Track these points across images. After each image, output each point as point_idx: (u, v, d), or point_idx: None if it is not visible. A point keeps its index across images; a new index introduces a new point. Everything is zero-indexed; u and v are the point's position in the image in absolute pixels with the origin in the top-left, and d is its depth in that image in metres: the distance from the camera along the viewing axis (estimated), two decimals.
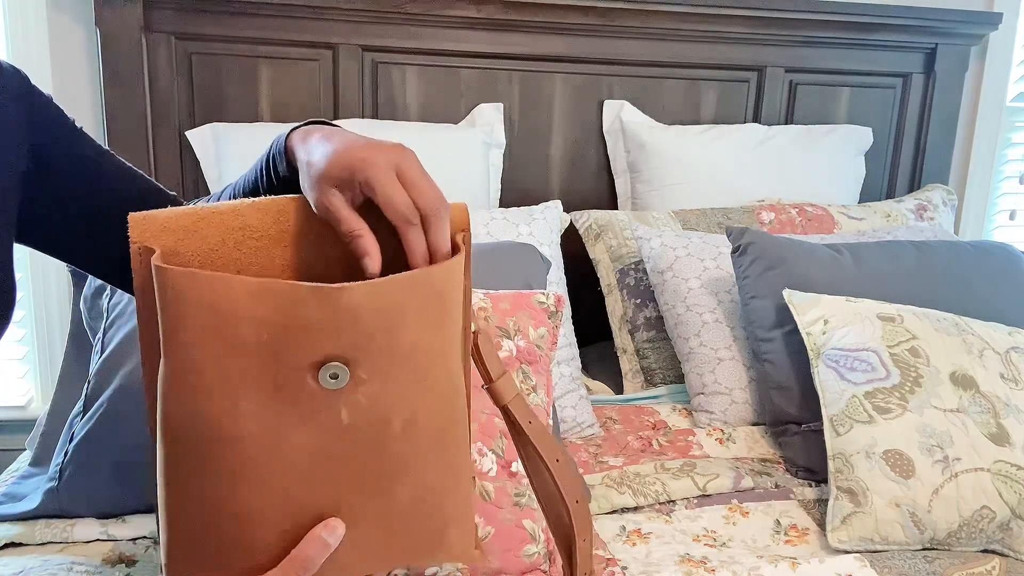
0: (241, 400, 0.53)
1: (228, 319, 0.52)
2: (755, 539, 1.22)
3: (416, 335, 0.55)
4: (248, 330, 0.52)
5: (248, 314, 0.51)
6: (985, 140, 2.18)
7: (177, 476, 0.55)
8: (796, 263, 1.51)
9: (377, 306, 0.52)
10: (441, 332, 0.58)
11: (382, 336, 0.53)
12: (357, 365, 0.53)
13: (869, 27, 1.98)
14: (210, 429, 0.53)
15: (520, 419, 0.72)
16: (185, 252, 0.59)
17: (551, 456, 0.73)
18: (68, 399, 1.34)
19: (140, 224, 0.58)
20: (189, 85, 1.76)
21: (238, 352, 0.52)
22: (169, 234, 0.59)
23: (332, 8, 1.75)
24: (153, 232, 0.58)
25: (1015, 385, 1.28)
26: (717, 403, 1.54)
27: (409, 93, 1.86)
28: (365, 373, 0.54)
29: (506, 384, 0.72)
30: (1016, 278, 1.57)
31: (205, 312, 0.52)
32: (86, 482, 1.18)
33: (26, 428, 1.60)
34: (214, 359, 0.53)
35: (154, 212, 0.59)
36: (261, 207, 0.62)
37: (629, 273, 1.76)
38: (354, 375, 0.53)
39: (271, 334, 0.51)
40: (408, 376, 0.56)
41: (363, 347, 0.53)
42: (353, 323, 0.52)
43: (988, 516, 1.18)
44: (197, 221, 0.59)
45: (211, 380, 0.53)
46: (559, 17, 1.83)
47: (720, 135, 1.94)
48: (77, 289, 1.47)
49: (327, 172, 0.58)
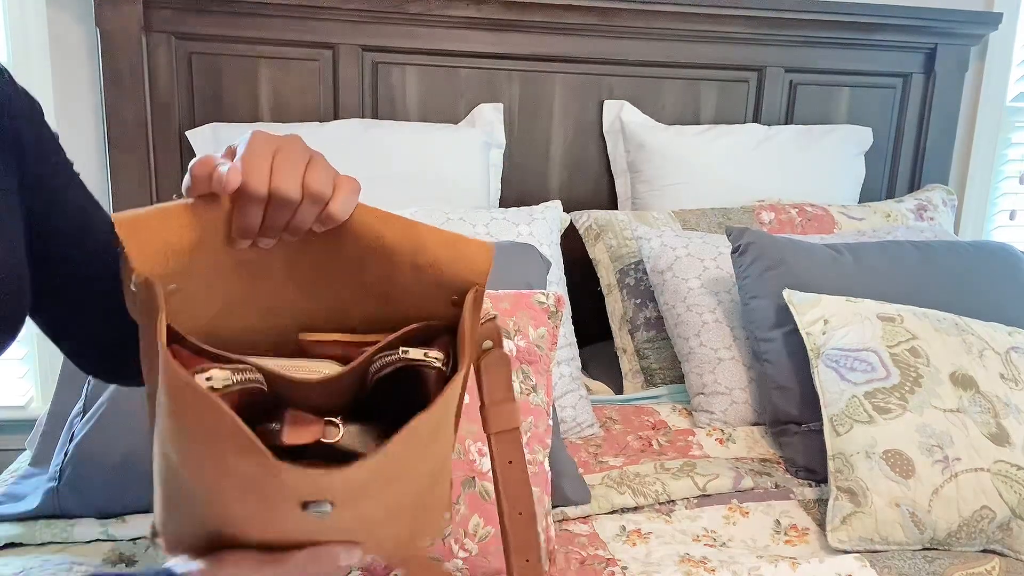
0: (226, 491, 0.52)
1: (216, 443, 0.50)
2: (755, 539, 1.22)
3: (405, 472, 0.54)
4: (235, 461, 0.50)
5: (235, 450, 0.49)
6: (985, 140, 2.18)
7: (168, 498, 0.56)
8: (796, 263, 1.51)
9: (366, 478, 0.51)
10: (432, 449, 0.57)
11: (372, 490, 0.53)
12: (342, 505, 0.52)
13: (869, 27, 1.98)
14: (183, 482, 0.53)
15: (498, 456, 0.67)
16: (188, 270, 0.56)
17: (514, 507, 0.67)
18: (68, 399, 1.34)
19: (138, 244, 0.54)
20: (189, 85, 1.76)
21: (227, 471, 0.51)
22: (174, 258, 0.55)
23: (332, 8, 1.75)
24: (156, 259, 0.54)
25: (1015, 385, 1.28)
26: (717, 403, 1.54)
27: (409, 93, 1.86)
28: (350, 506, 0.53)
29: (500, 415, 0.66)
30: (1016, 278, 1.57)
31: (195, 426, 0.50)
32: (86, 482, 1.18)
33: (26, 428, 1.60)
34: (201, 458, 0.51)
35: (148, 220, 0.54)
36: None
37: (629, 273, 1.76)
38: (337, 508, 0.53)
39: (256, 476, 0.50)
40: (394, 495, 0.56)
41: (350, 499, 0.52)
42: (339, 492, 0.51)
43: (988, 516, 1.18)
44: (201, 234, 0.56)
45: (193, 467, 0.52)
46: (559, 17, 1.83)
47: (720, 135, 1.94)
48: None
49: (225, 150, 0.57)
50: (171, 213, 0.55)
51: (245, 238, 0.57)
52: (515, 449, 0.67)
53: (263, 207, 0.55)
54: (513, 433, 0.67)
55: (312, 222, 0.57)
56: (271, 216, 0.56)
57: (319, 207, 0.56)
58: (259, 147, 0.55)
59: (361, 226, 0.59)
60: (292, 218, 0.56)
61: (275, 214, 0.56)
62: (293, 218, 0.56)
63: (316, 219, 0.57)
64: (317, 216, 0.56)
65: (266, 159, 0.55)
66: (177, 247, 0.55)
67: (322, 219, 0.57)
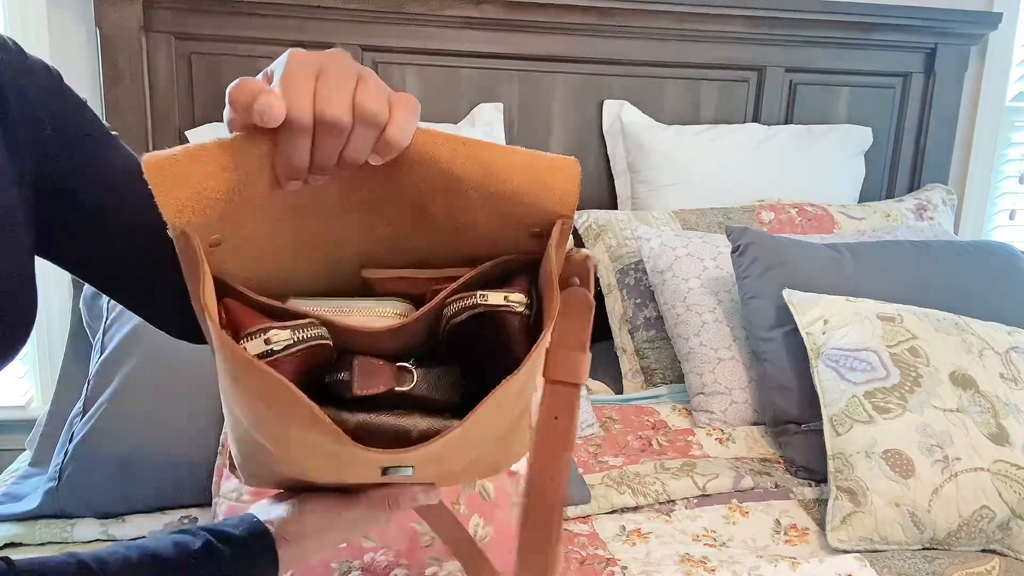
0: (308, 459, 0.50)
1: (285, 415, 0.47)
2: (755, 539, 1.22)
3: (487, 433, 0.52)
4: (306, 432, 0.47)
5: (304, 423, 0.47)
6: (985, 140, 2.18)
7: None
8: (796, 263, 1.51)
9: (439, 455, 0.49)
10: (513, 412, 0.53)
11: (452, 453, 0.51)
12: (423, 466, 0.51)
13: (869, 27, 1.98)
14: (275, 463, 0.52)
15: (547, 408, 0.58)
16: (231, 215, 0.50)
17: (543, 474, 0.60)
18: (68, 399, 1.34)
19: (171, 193, 0.47)
20: (189, 85, 1.76)
21: (298, 436, 0.48)
22: (212, 207, 0.49)
23: (332, 8, 1.75)
24: (192, 209, 0.48)
25: (1015, 385, 1.28)
26: (717, 403, 1.54)
27: (409, 93, 1.86)
28: (431, 463, 0.52)
29: (566, 363, 0.58)
30: (1016, 278, 1.57)
31: (260, 396, 0.47)
32: (86, 482, 1.18)
33: (26, 428, 1.60)
34: (270, 425, 0.49)
35: (180, 165, 0.47)
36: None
37: (629, 273, 1.76)
38: (418, 468, 0.51)
39: (330, 447, 0.47)
40: (474, 452, 0.54)
41: (429, 462, 0.50)
42: (419, 460, 0.49)
43: (988, 516, 1.18)
44: (239, 176, 0.49)
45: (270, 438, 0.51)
46: (559, 17, 1.83)
47: (720, 135, 1.94)
48: (77, 289, 1.47)
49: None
50: (206, 154, 0.48)
51: (294, 178, 0.49)
52: (568, 407, 0.58)
53: (310, 138, 0.48)
54: (572, 389, 0.58)
55: (368, 152, 0.49)
56: (320, 148, 0.48)
57: (375, 132, 0.49)
58: (299, 68, 0.47)
59: (422, 152, 0.52)
60: (344, 148, 0.48)
61: (324, 145, 0.48)
62: (345, 148, 0.48)
63: (372, 148, 0.49)
64: (373, 144, 0.49)
65: (309, 80, 0.47)
66: (214, 194, 0.48)
67: (379, 147, 0.49)
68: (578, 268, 0.56)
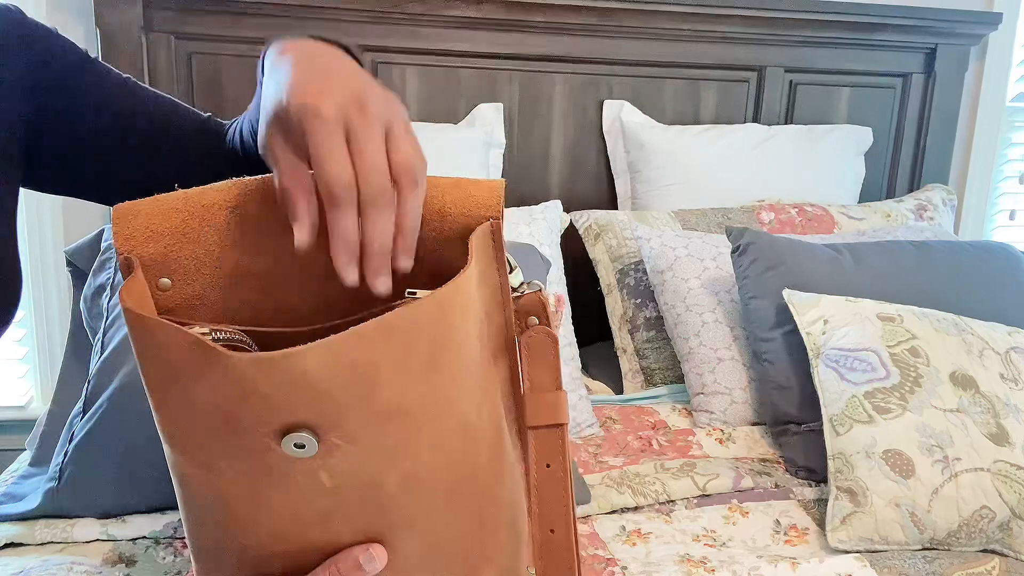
0: (216, 459, 0.47)
1: (182, 376, 0.45)
2: (755, 539, 1.22)
3: (398, 393, 0.46)
4: (202, 392, 0.45)
5: (199, 374, 0.44)
6: (985, 140, 2.18)
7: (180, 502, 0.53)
8: (796, 263, 1.51)
9: (337, 369, 0.44)
10: (437, 379, 0.48)
11: (351, 400, 0.45)
12: (326, 432, 0.45)
13: (869, 27, 1.98)
14: (191, 484, 0.49)
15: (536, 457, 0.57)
16: (179, 258, 0.53)
17: (547, 524, 0.57)
18: (68, 399, 1.34)
19: (124, 226, 0.52)
20: (189, 85, 1.76)
21: (199, 411, 0.46)
22: (157, 240, 0.52)
23: (332, 8, 1.75)
24: (139, 239, 0.52)
25: (1015, 385, 1.28)
26: (717, 403, 1.54)
27: (409, 93, 1.86)
28: (338, 438, 0.46)
29: (544, 405, 0.57)
30: (1016, 278, 1.57)
31: (161, 365, 0.46)
32: (86, 482, 1.18)
33: (26, 428, 1.60)
34: (176, 415, 0.47)
35: (139, 206, 0.52)
36: (261, 192, 0.53)
37: (629, 273, 1.76)
38: (324, 441, 0.46)
39: (224, 399, 0.45)
40: (396, 436, 0.47)
41: (328, 414, 0.45)
42: (309, 391, 0.44)
43: (988, 516, 1.18)
44: (188, 219, 0.52)
45: (179, 435, 0.48)
46: (559, 17, 1.83)
47: (720, 135, 1.94)
48: (77, 289, 1.47)
49: (274, 112, 0.48)
50: (163, 198, 0.52)
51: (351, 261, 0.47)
52: (557, 450, 0.56)
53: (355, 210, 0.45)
54: (557, 431, 0.56)
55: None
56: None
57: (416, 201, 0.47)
58: (325, 130, 0.45)
59: None
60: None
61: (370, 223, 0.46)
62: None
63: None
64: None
65: (341, 145, 0.45)
66: (161, 230, 0.52)
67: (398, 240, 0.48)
68: (534, 305, 0.56)
